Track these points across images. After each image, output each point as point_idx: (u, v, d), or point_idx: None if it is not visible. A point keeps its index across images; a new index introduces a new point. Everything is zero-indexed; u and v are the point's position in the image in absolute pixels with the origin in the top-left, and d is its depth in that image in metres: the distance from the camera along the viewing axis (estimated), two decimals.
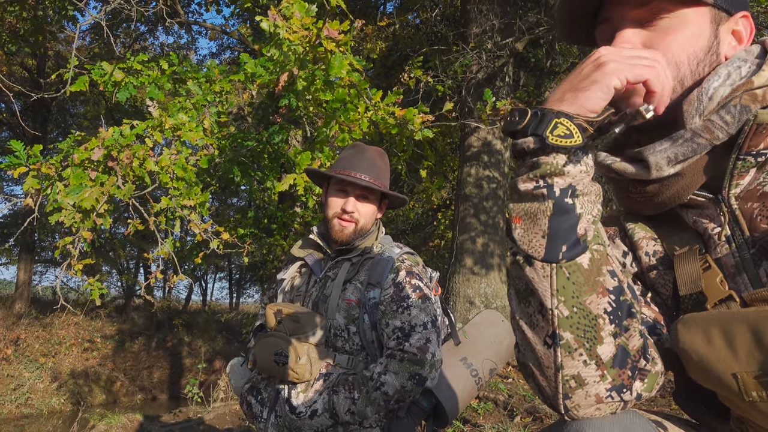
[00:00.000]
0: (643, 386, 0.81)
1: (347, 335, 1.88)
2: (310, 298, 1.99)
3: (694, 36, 0.86)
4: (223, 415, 6.34)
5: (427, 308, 1.85)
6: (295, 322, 1.86)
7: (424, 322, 1.82)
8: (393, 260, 1.94)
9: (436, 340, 1.82)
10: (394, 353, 1.78)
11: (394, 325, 1.82)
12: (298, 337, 1.84)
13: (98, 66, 4.54)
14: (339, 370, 1.87)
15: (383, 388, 1.74)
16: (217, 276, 29.49)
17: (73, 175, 3.99)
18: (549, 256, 0.79)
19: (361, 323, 1.87)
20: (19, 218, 16.93)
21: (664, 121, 0.86)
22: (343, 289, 1.92)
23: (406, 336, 1.79)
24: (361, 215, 2.00)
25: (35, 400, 12.90)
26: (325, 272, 2.01)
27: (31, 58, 15.70)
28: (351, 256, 2.00)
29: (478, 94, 7.27)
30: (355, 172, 1.98)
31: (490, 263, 6.99)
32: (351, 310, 1.88)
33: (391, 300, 1.86)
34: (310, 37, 3.66)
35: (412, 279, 1.89)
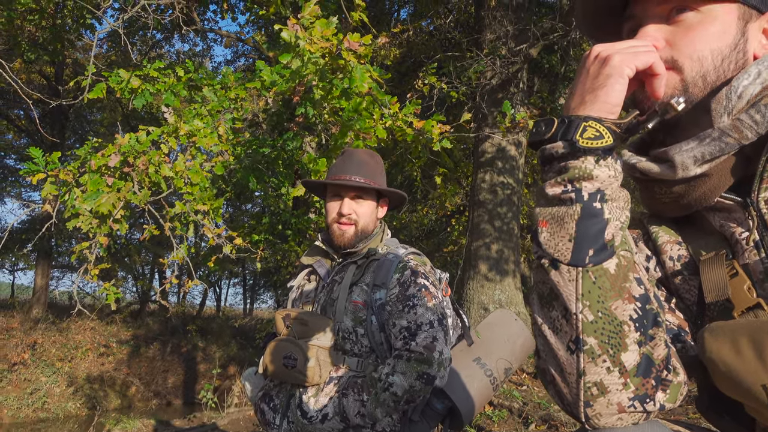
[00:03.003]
0: (666, 397, 0.79)
1: (355, 338, 1.87)
2: (319, 302, 1.99)
3: (720, 32, 0.85)
4: (237, 421, 6.35)
5: (433, 307, 1.84)
6: (303, 325, 1.88)
7: (430, 321, 1.80)
8: (398, 260, 1.93)
9: (443, 338, 1.81)
10: (401, 353, 1.77)
11: (400, 324, 1.81)
12: (306, 340, 1.85)
13: (115, 73, 4.58)
14: (349, 373, 1.86)
15: (392, 389, 1.73)
16: (231, 282, 29.63)
17: (91, 181, 4.03)
18: (575, 259, 0.78)
19: (368, 325, 1.87)
20: (37, 224, 17.15)
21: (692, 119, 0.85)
22: (349, 291, 1.92)
23: (412, 335, 1.78)
24: (360, 215, 2.00)
25: (52, 405, 13.01)
26: (332, 276, 2.01)
27: (49, 66, 15.93)
28: (356, 258, 1.99)
29: (492, 100, 7.26)
30: (346, 175, 2.00)
31: (505, 269, 6.96)
32: (358, 312, 1.88)
33: (396, 300, 1.85)
34: (330, 48, 3.68)
35: (418, 278, 1.88)
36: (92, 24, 8.19)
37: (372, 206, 2.05)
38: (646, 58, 0.80)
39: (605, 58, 0.80)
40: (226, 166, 4.77)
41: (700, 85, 0.85)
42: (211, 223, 4.58)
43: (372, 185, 2.01)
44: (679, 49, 0.85)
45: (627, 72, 0.79)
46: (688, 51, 0.85)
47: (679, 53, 0.85)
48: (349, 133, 4.34)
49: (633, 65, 0.79)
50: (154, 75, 4.75)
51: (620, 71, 0.78)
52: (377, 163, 2.10)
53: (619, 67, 0.79)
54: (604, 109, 0.79)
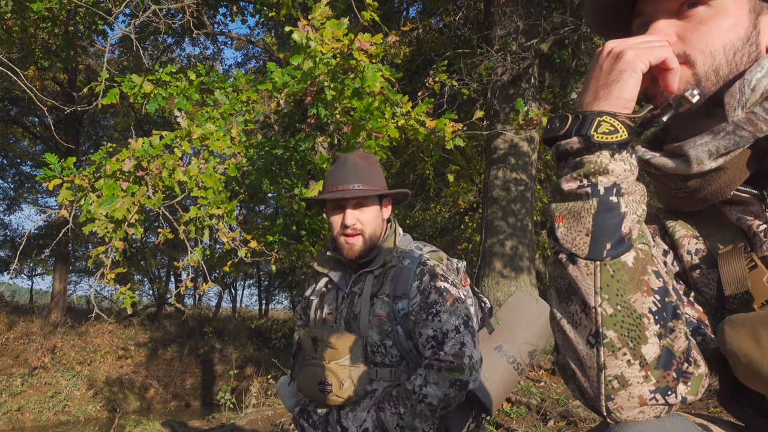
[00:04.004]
0: (688, 389, 0.79)
1: (384, 350, 1.86)
2: (341, 315, 1.96)
3: (731, 25, 0.85)
4: (256, 421, 6.38)
5: (457, 310, 1.81)
6: (332, 348, 1.85)
7: (456, 326, 1.78)
8: (414, 266, 1.89)
9: (471, 341, 1.78)
10: (431, 363, 1.76)
11: (426, 334, 1.79)
12: (337, 362, 1.83)
13: (128, 78, 4.62)
14: (383, 384, 1.86)
15: (427, 400, 1.73)
16: (246, 283, 29.78)
17: (106, 186, 4.07)
18: (593, 253, 0.78)
19: (395, 336, 1.85)
20: (53, 229, 17.32)
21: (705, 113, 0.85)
22: (371, 304, 1.89)
23: (440, 344, 1.76)
24: (365, 224, 1.92)
25: (72, 408, 13.16)
26: (351, 287, 1.97)
27: (62, 73, 16.08)
28: (373, 268, 1.93)
29: (504, 96, 7.23)
30: (341, 185, 1.91)
31: (520, 266, 6.93)
32: (383, 325, 1.85)
33: (419, 309, 1.82)
34: (342, 48, 3.68)
35: (437, 282, 1.84)
36: (104, 30, 8.26)
37: (376, 210, 1.96)
38: (660, 53, 0.80)
39: (618, 54, 0.80)
40: (239, 168, 4.79)
41: (712, 79, 0.85)
42: (225, 227, 4.61)
43: (369, 190, 1.91)
44: (691, 44, 0.85)
45: (640, 67, 0.79)
46: (699, 45, 0.84)
47: (691, 48, 0.85)
48: (361, 132, 4.35)
49: (646, 60, 0.79)
50: (166, 79, 4.78)
51: (634, 66, 0.79)
52: (372, 164, 2.01)
53: (633, 62, 0.79)
54: (618, 104, 0.79)
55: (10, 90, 14.93)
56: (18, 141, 19.09)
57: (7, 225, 22.19)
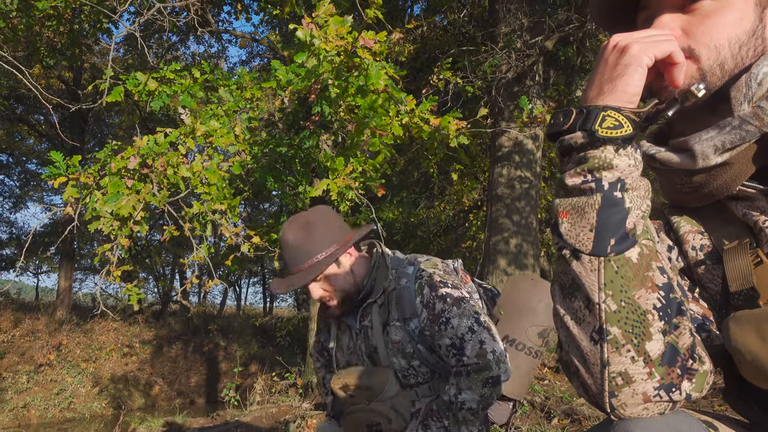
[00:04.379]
0: (692, 386, 0.78)
1: (415, 371, 1.90)
2: (362, 351, 1.98)
3: (737, 19, 0.84)
4: (260, 418, 6.39)
5: (465, 311, 1.81)
6: (367, 389, 1.88)
7: (470, 327, 1.79)
8: (412, 283, 1.89)
9: (488, 336, 1.80)
10: (459, 370, 1.78)
11: (444, 344, 1.81)
12: (376, 400, 1.87)
13: (132, 76, 4.63)
14: (425, 401, 1.91)
15: (465, 406, 1.76)
16: (250, 281, 29.83)
17: (111, 184, 4.07)
18: (597, 249, 0.78)
19: (419, 355, 1.87)
20: (59, 227, 17.38)
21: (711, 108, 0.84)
22: (386, 332, 1.91)
23: (460, 350, 1.78)
24: (332, 288, 1.89)
25: (78, 405, 13.22)
26: (360, 322, 1.98)
27: (68, 71, 16.12)
28: (375, 297, 1.92)
29: (509, 93, 7.21)
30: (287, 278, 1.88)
31: (524, 264, 6.92)
32: (404, 349, 1.88)
33: (430, 322, 1.83)
34: (346, 46, 3.68)
35: (437, 290, 1.84)
36: (109, 28, 8.27)
37: (333, 269, 1.89)
38: (666, 47, 0.79)
39: (624, 48, 0.79)
40: (244, 166, 4.80)
41: (717, 74, 0.84)
42: (228, 223, 4.61)
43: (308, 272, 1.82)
44: (696, 38, 0.84)
45: (646, 61, 0.78)
46: (704, 39, 0.84)
47: (696, 42, 0.84)
48: (365, 130, 4.35)
49: (652, 54, 0.78)
50: (171, 77, 4.79)
51: (639, 60, 0.78)
52: (310, 226, 1.86)
53: (638, 56, 0.78)
54: (623, 98, 0.78)
55: (16, 88, 15.00)
56: (23, 139, 19.15)
57: (12, 223, 22.26)
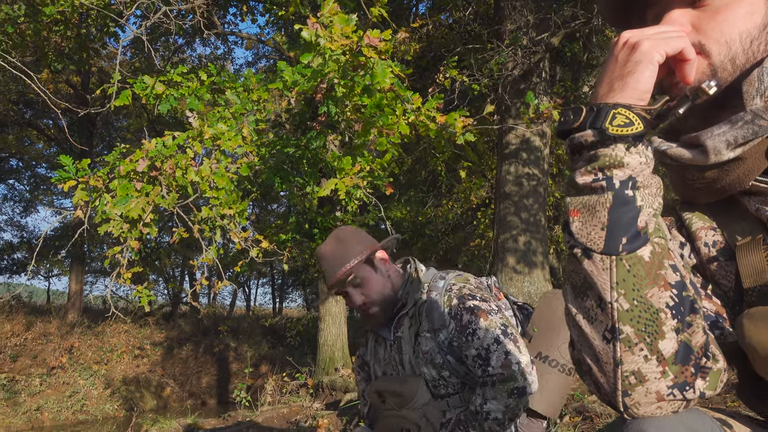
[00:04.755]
0: (706, 384, 0.78)
1: (445, 381, 1.93)
2: (395, 362, 2.04)
3: (747, 13, 0.83)
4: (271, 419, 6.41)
5: (492, 322, 1.85)
6: (398, 396, 1.93)
7: (496, 338, 1.82)
8: (442, 295, 1.95)
9: (514, 347, 1.83)
10: (484, 380, 1.81)
11: (471, 355, 1.84)
12: (408, 407, 1.92)
13: (140, 80, 4.65)
14: (456, 411, 1.93)
15: (491, 416, 1.78)
16: (259, 281, 29.90)
17: (120, 187, 4.09)
18: (608, 248, 0.77)
19: (449, 365, 1.91)
20: (69, 230, 17.49)
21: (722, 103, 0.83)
22: (417, 343, 1.96)
23: (486, 361, 1.81)
24: (370, 294, 2.00)
25: (90, 407, 13.30)
26: (394, 334, 2.05)
27: (76, 75, 16.21)
28: (407, 310, 2.01)
29: (515, 91, 7.19)
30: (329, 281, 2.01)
31: (533, 261, 6.90)
32: (434, 360, 1.92)
33: (457, 333, 1.87)
34: (351, 45, 3.68)
35: (465, 302, 1.89)
36: (116, 32, 8.32)
37: (371, 273, 2.02)
38: (677, 44, 0.78)
39: (634, 44, 0.79)
40: (251, 167, 4.81)
41: (729, 69, 0.83)
42: (236, 227, 4.63)
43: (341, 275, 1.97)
44: (706, 34, 0.83)
45: (657, 58, 0.77)
46: (715, 35, 0.83)
47: (706, 37, 0.83)
48: (372, 129, 4.35)
49: (663, 51, 0.78)
50: (178, 80, 4.80)
51: (650, 57, 0.77)
52: (344, 242, 2.04)
53: (649, 53, 0.77)
54: (634, 95, 0.78)
55: (25, 93, 15.10)
56: (33, 143, 19.28)
57: (23, 227, 22.45)
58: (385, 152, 4.59)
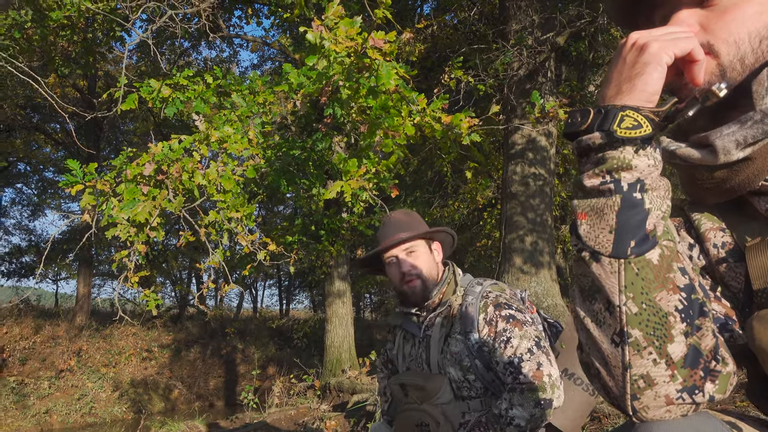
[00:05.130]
0: (716, 388, 0.77)
1: (469, 384, 1.94)
2: (422, 359, 2.06)
3: (756, 13, 0.82)
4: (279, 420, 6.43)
5: (527, 333, 1.87)
6: (421, 390, 1.96)
7: (529, 348, 1.84)
8: (478, 301, 1.97)
9: (547, 360, 1.84)
10: (514, 387, 1.83)
11: (503, 362, 1.86)
12: (429, 402, 1.94)
13: (146, 83, 4.66)
14: (475, 415, 1.94)
15: (515, 422, 1.79)
16: (266, 283, 29.95)
17: (127, 191, 4.11)
18: (617, 251, 0.77)
19: (475, 369, 1.92)
20: (77, 234, 17.58)
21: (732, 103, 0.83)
22: (446, 343, 1.98)
23: (517, 369, 1.83)
24: (420, 267, 2.03)
25: (98, 409, 13.35)
26: (424, 332, 2.07)
27: (82, 80, 16.30)
28: (440, 311, 2.04)
29: (521, 91, 7.18)
30: (388, 239, 2.05)
31: (540, 261, 6.89)
32: (462, 361, 1.93)
33: (491, 339, 1.89)
34: (356, 47, 3.68)
35: (502, 311, 1.92)
36: (122, 36, 8.35)
37: (426, 253, 2.07)
38: (685, 45, 0.78)
39: (642, 46, 0.78)
40: (258, 170, 4.82)
41: (738, 69, 0.82)
42: (244, 230, 4.63)
43: (413, 235, 2.04)
44: (714, 34, 0.83)
45: (665, 59, 0.77)
46: (723, 35, 0.82)
47: (715, 38, 0.83)
48: (377, 131, 4.35)
49: (671, 52, 0.77)
50: (184, 83, 4.82)
51: (658, 59, 0.77)
52: (412, 216, 2.14)
53: (658, 55, 0.77)
54: (642, 97, 0.77)
55: (32, 98, 15.17)
56: (40, 147, 19.38)
57: (31, 231, 22.55)
58: (391, 154, 4.59)
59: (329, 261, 9.64)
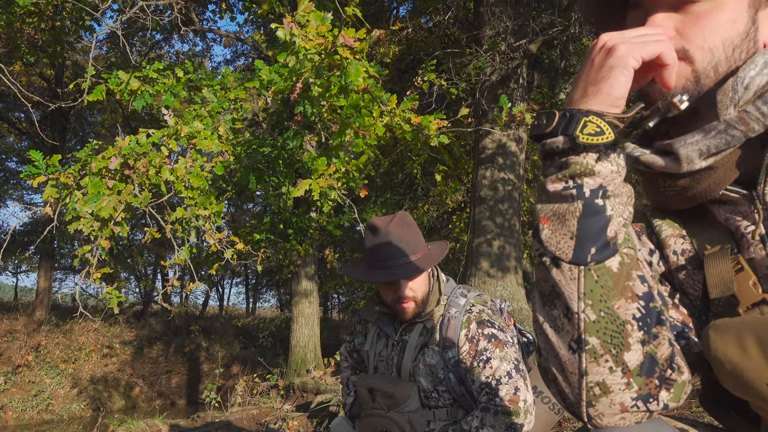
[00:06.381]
0: (670, 396, 0.78)
1: (438, 395, 1.93)
2: (392, 363, 2.02)
3: (730, 20, 0.82)
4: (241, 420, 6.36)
5: (507, 355, 1.85)
6: (389, 398, 1.93)
7: (508, 372, 1.83)
8: (461, 315, 1.93)
9: (524, 385, 1.83)
10: (488, 407, 1.81)
11: (479, 381, 1.84)
12: (395, 410, 1.91)
13: (114, 75, 4.58)
14: (440, 424, 1.93)
15: None
16: (233, 281, 29.66)
17: (91, 184, 4.02)
18: (577, 258, 0.76)
19: (447, 382, 1.90)
20: (38, 226, 17.17)
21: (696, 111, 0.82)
22: (422, 352, 1.95)
23: (494, 391, 1.81)
24: (416, 290, 1.95)
25: (56, 406, 13.05)
26: (400, 335, 2.03)
27: (49, 69, 15.93)
28: (422, 319, 1.99)
29: (492, 96, 7.24)
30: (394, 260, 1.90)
31: (507, 266, 6.95)
32: (435, 373, 1.91)
33: (469, 356, 1.86)
34: (326, 45, 3.67)
35: (484, 329, 1.89)
36: (91, 26, 8.19)
37: (425, 275, 1.98)
38: (654, 48, 0.76)
39: (610, 48, 0.77)
40: (227, 166, 4.77)
41: (711, 76, 0.82)
42: (212, 228, 4.58)
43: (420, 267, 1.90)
44: (690, 39, 0.82)
45: (632, 63, 0.75)
46: (698, 41, 0.82)
47: (690, 43, 0.82)
48: (348, 130, 4.34)
49: (639, 55, 0.75)
50: (154, 76, 4.74)
51: (625, 62, 0.75)
52: (412, 227, 1.99)
53: (624, 58, 0.75)
54: (607, 101, 0.76)
55: None
56: (3, 137, 18.88)
57: None
58: (361, 154, 4.59)
59: (297, 260, 9.59)
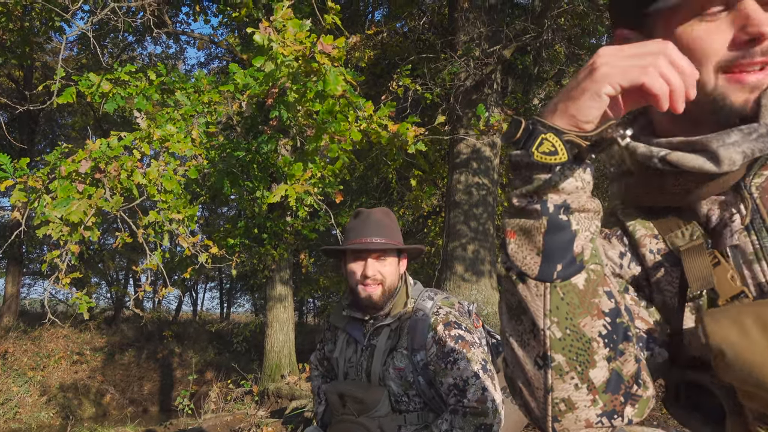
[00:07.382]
0: (635, 411, 0.78)
1: (408, 399, 1.93)
2: (362, 368, 2.02)
3: None
4: (214, 427, 6.29)
5: (474, 356, 1.86)
6: (359, 403, 1.93)
7: (475, 372, 1.83)
8: (428, 317, 1.94)
9: (491, 384, 1.84)
10: (456, 409, 1.82)
11: (447, 383, 1.84)
12: (366, 415, 1.92)
13: (85, 77, 4.51)
14: (411, 429, 1.93)
15: None
16: (207, 286, 29.33)
17: (61, 188, 3.95)
18: (543, 274, 0.75)
19: (417, 386, 1.91)
20: (6, 231, 16.79)
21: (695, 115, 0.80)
22: (391, 356, 1.95)
23: (462, 392, 1.81)
24: (385, 275, 1.98)
25: (24, 415, 12.76)
26: (369, 340, 2.03)
27: (18, 70, 15.61)
28: (389, 322, 2.00)
29: (467, 101, 7.29)
30: (366, 237, 1.98)
31: (481, 270, 7.00)
32: (405, 377, 1.92)
33: (437, 358, 1.87)
34: (304, 51, 3.66)
35: (451, 330, 1.90)
36: (61, 27, 8.06)
37: (394, 263, 2.03)
38: (635, 77, 0.68)
39: (592, 68, 0.71)
40: (200, 170, 4.72)
41: None
42: (186, 232, 4.53)
43: (392, 244, 2.00)
44: None
45: (606, 90, 0.69)
46: None
47: None
48: (324, 135, 4.33)
49: (617, 83, 0.69)
50: (126, 79, 4.68)
51: (597, 89, 0.69)
52: (392, 220, 2.10)
53: (598, 84, 0.69)
54: (571, 122, 0.72)
55: None
56: None
57: None
58: (337, 159, 4.58)
59: (271, 265, 9.53)
